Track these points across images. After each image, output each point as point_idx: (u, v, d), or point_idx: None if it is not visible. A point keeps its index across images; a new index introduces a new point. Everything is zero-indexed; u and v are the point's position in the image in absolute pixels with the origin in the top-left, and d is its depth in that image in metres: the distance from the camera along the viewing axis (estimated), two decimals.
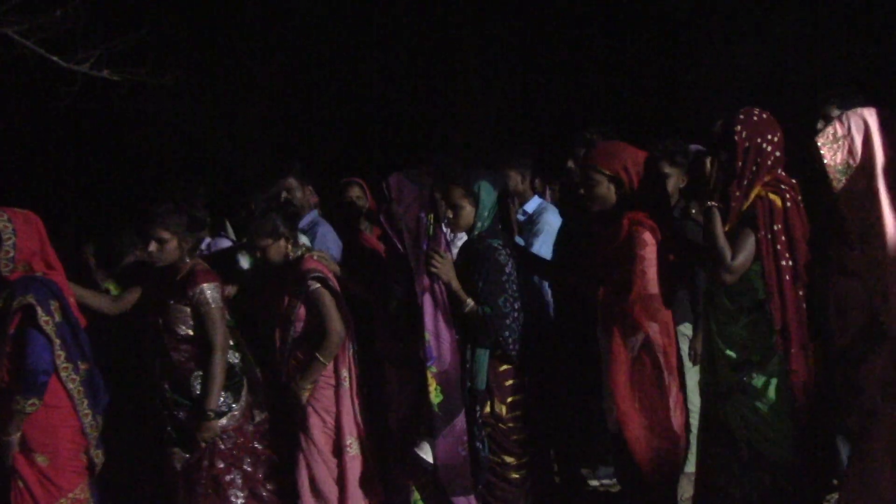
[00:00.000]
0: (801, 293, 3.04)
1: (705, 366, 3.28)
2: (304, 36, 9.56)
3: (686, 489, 3.75)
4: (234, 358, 3.76)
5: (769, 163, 3.09)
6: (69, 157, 9.11)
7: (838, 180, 2.90)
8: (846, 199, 2.90)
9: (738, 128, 3.08)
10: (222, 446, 3.69)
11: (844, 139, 2.92)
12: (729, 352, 3.15)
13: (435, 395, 3.51)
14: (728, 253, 3.02)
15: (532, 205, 4.65)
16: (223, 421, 3.67)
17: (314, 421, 3.70)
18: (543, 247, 4.34)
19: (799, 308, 3.03)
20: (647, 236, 3.25)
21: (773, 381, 3.09)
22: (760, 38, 7.23)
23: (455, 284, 3.54)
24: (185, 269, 3.73)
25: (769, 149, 3.09)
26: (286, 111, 9.91)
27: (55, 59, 4.87)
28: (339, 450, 3.71)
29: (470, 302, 3.52)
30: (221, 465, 3.70)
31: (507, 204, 4.18)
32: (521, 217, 4.60)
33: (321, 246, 4.24)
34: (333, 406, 3.72)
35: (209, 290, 3.67)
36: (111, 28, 5.06)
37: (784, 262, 3.02)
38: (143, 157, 9.33)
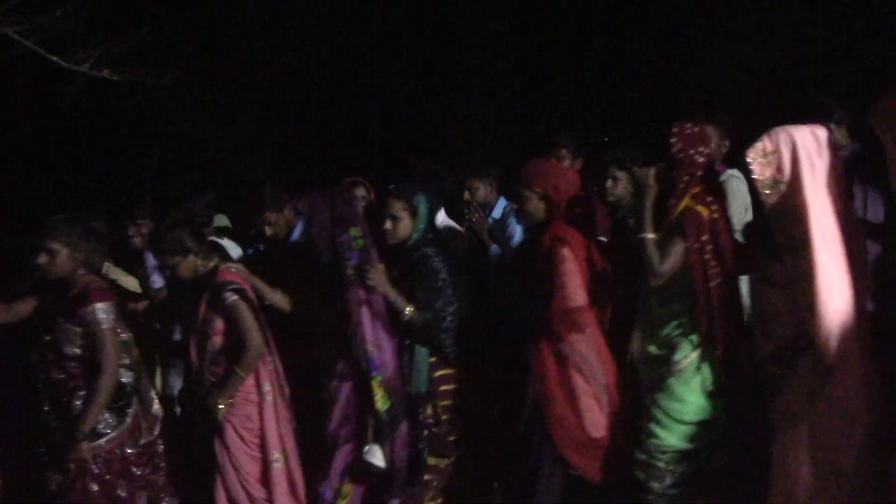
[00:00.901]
0: (727, 300, 3.22)
1: (640, 366, 3.45)
2: (304, 36, 9.57)
3: None
4: (126, 377, 3.60)
5: (699, 174, 3.27)
6: (69, 157, 9.12)
7: (767, 195, 3.02)
8: (775, 212, 3.01)
9: (674, 140, 3.26)
10: (95, 469, 3.50)
11: (773, 155, 3.02)
12: (657, 353, 3.35)
13: (382, 403, 3.63)
14: (657, 260, 3.22)
15: (498, 209, 4.68)
16: (99, 442, 3.49)
17: (232, 437, 3.63)
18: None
19: (723, 313, 3.21)
20: (566, 252, 3.43)
21: (696, 381, 3.27)
22: (760, 38, 7.23)
23: (392, 294, 3.64)
24: (79, 284, 3.55)
25: (700, 160, 3.27)
26: (286, 111, 9.92)
27: (55, 59, 4.86)
28: (265, 464, 3.68)
29: (408, 309, 3.62)
30: (95, 489, 3.51)
31: (482, 218, 4.46)
32: (490, 222, 4.63)
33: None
34: (253, 422, 3.66)
35: (101, 311, 3.49)
36: (111, 28, 5.06)
37: (711, 270, 3.20)
38: (143, 157, 9.35)
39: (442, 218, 4.41)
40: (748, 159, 3.02)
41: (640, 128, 4.70)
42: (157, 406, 3.74)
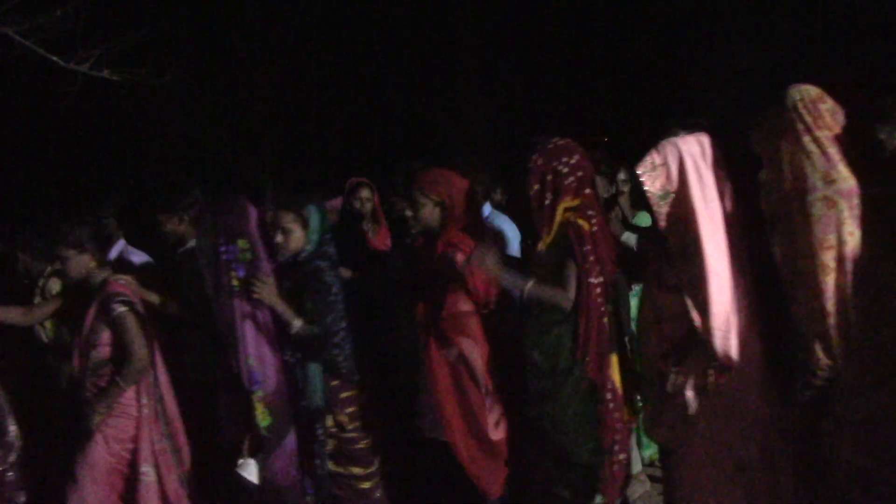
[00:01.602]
0: (603, 308, 3.33)
1: (526, 374, 3.50)
2: (304, 36, 9.57)
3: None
4: None
5: (567, 183, 3.38)
6: (69, 157, 9.12)
7: (659, 205, 3.16)
8: (668, 221, 3.16)
9: (535, 156, 3.38)
10: None
11: (662, 167, 3.18)
12: (540, 360, 3.43)
13: (262, 419, 3.59)
14: (561, 294, 3.33)
15: (485, 211, 4.59)
16: None
17: (99, 452, 3.59)
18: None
19: (600, 321, 3.33)
20: (459, 257, 3.50)
21: (579, 388, 3.38)
22: (761, 39, 7.23)
23: (280, 307, 3.60)
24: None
25: (566, 171, 3.38)
26: (286, 111, 9.92)
27: (55, 59, 4.86)
28: (132, 479, 3.64)
29: (297, 323, 3.58)
30: None
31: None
32: None
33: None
34: (127, 435, 3.62)
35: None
36: (111, 28, 5.05)
37: (592, 280, 3.32)
38: (144, 157, 9.35)
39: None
40: (638, 173, 3.16)
41: (640, 128, 4.70)
42: (13, 433, 3.67)
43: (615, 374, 3.43)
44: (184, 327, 4.02)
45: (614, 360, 3.45)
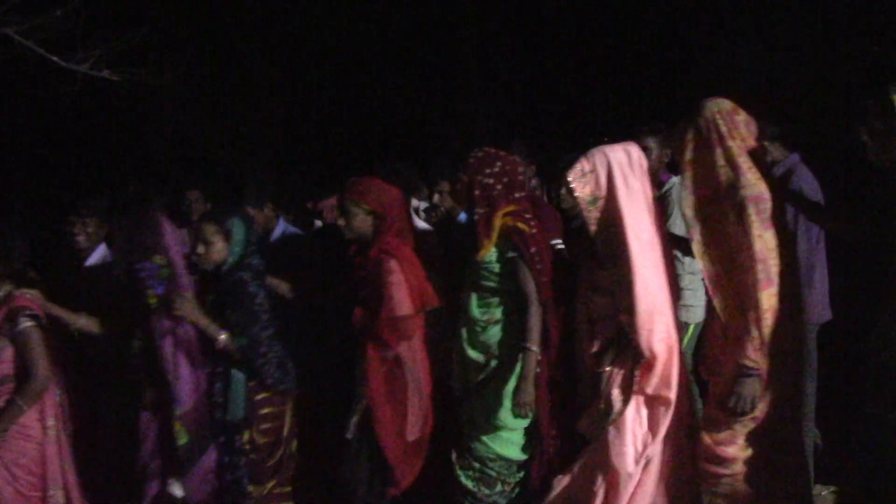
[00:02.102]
0: (543, 306, 3.47)
1: (456, 371, 3.66)
2: (304, 36, 9.56)
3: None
4: None
5: (496, 192, 3.51)
6: (69, 158, 9.11)
7: (588, 210, 3.33)
8: (597, 225, 3.33)
9: (461, 174, 3.56)
10: None
11: (591, 174, 3.35)
12: (475, 356, 3.58)
13: (179, 437, 3.57)
14: (533, 330, 3.45)
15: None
16: None
17: (1, 474, 3.51)
18: None
19: (558, 316, 3.50)
20: (394, 264, 3.64)
21: (511, 384, 3.51)
22: (760, 39, 7.22)
23: (203, 322, 3.59)
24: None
25: (491, 182, 3.51)
26: (286, 111, 9.91)
27: (55, 59, 4.86)
28: (41, 501, 3.58)
29: (222, 337, 3.57)
30: None
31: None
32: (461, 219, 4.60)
33: None
34: (29, 458, 3.54)
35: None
36: (111, 28, 5.05)
37: (545, 279, 3.47)
38: (143, 157, 9.33)
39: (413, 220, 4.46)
40: (568, 179, 3.34)
41: (640, 128, 4.72)
42: None
43: (547, 371, 3.56)
44: (94, 344, 3.96)
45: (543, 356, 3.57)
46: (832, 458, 4.04)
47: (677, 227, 3.86)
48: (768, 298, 3.15)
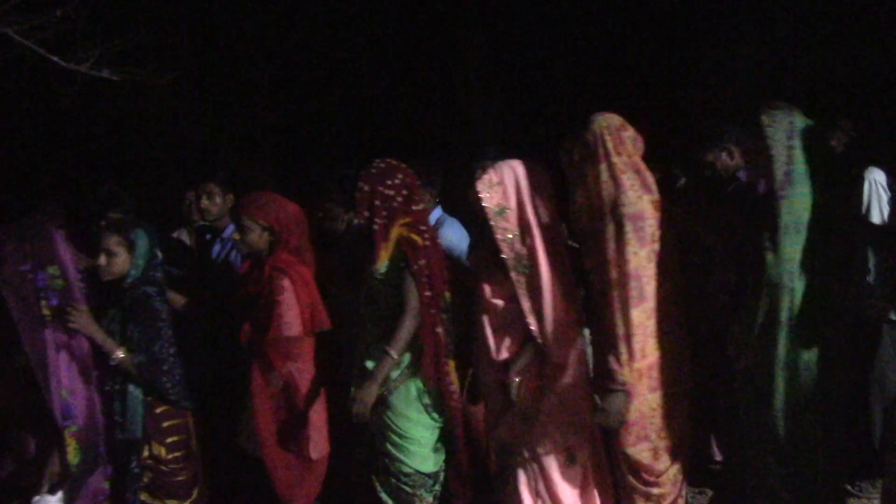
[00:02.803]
0: (437, 318, 3.52)
1: (357, 382, 3.63)
2: (304, 36, 9.56)
3: None
4: None
5: (395, 204, 3.53)
6: (69, 158, 9.11)
7: (496, 220, 3.40)
8: (504, 234, 3.41)
9: (361, 183, 3.56)
10: None
11: (499, 185, 3.44)
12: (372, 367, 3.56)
13: (73, 456, 3.44)
14: (400, 338, 3.45)
15: (432, 218, 4.57)
16: None
17: None
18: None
19: (434, 330, 3.51)
20: (286, 283, 3.62)
21: (413, 395, 3.54)
22: (761, 39, 7.22)
23: (99, 336, 3.52)
24: None
25: (392, 193, 3.53)
26: (286, 111, 9.91)
27: (55, 59, 4.85)
28: None
29: (119, 353, 3.51)
30: None
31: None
32: None
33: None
34: None
35: None
36: (111, 28, 5.05)
37: (427, 293, 3.48)
38: (143, 157, 9.33)
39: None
40: (477, 189, 3.42)
41: (641, 128, 4.70)
42: None
43: (455, 380, 3.60)
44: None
45: (452, 365, 3.61)
46: None
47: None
48: (639, 315, 3.27)
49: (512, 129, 9.03)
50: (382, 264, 3.52)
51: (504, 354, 3.45)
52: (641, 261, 3.28)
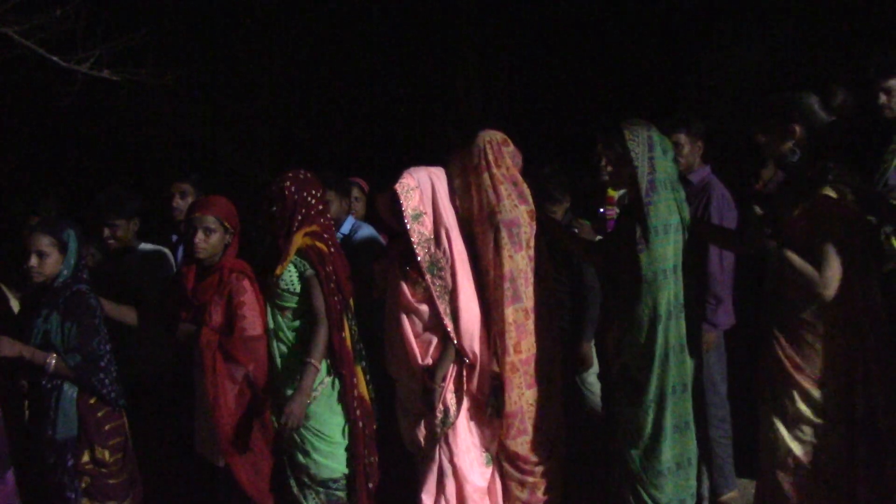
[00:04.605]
0: (344, 324, 3.60)
1: (272, 395, 3.68)
2: (304, 36, 9.56)
3: None
4: None
5: (312, 214, 3.63)
6: (69, 158, 9.11)
7: (411, 224, 3.54)
8: (419, 238, 3.54)
9: (288, 184, 3.61)
10: None
11: (416, 189, 3.58)
12: (289, 377, 3.59)
13: None
14: (318, 346, 3.51)
15: (347, 225, 4.61)
16: None
17: None
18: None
19: (340, 335, 3.58)
20: (247, 283, 3.65)
21: (333, 398, 3.61)
22: (761, 39, 7.22)
23: (27, 353, 3.47)
24: None
25: (314, 202, 3.64)
26: (286, 111, 9.91)
27: (55, 59, 4.85)
28: None
29: (52, 361, 3.47)
30: None
31: None
32: (339, 237, 4.50)
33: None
34: None
35: None
36: (111, 28, 5.05)
37: (335, 298, 3.57)
38: (143, 157, 9.33)
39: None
40: (396, 190, 3.53)
41: (670, 123, 4.72)
42: None
43: (362, 385, 3.70)
44: None
45: (359, 371, 3.70)
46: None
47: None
48: (513, 313, 3.57)
49: (512, 129, 9.04)
50: (283, 270, 3.57)
51: (428, 360, 3.59)
52: (517, 263, 3.58)
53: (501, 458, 3.69)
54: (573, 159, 5.65)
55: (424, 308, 3.58)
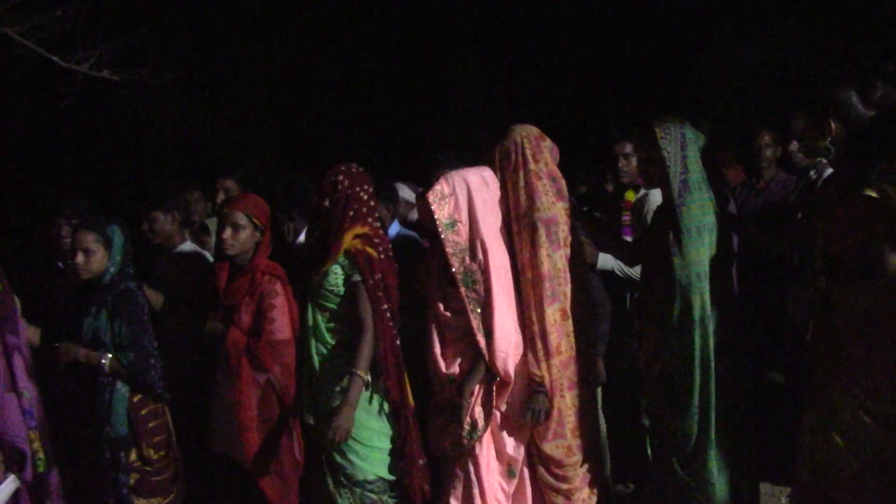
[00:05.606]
0: (395, 332, 3.51)
1: (305, 396, 3.61)
2: (304, 36, 9.57)
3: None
4: None
5: (364, 211, 3.51)
6: (69, 157, 9.12)
7: (446, 233, 3.39)
8: (455, 248, 3.41)
9: (340, 177, 3.50)
10: None
11: (450, 197, 3.42)
12: (329, 380, 3.52)
13: (40, 465, 3.25)
14: (363, 356, 3.41)
15: (392, 231, 4.46)
16: None
17: None
18: None
19: (393, 343, 3.49)
20: (279, 287, 3.59)
21: (374, 407, 3.53)
22: (761, 39, 7.23)
23: (84, 356, 3.47)
24: None
25: (366, 198, 3.53)
26: (286, 110, 9.92)
27: (55, 59, 4.85)
28: None
29: (106, 361, 3.47)
30: None
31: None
32: None
33: None
34: None
35: None
36: (111, 28, 5.05)
37: (384, 307, 3.46)
38: (143, 157, 9.34)
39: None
40: (428, 200, 3.39)
41: (615, 133, 4.73)
42: None
43: (406, 390, 3.60)
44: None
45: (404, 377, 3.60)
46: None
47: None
48: (552, 314, 3.41)
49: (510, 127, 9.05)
50: (329, 267, 3.47)
51: (453, 368, 3.47)
52: (555, 263, 3.44)
53: (536, 461, 3.54)
54: (573, 159, 5.65)
55: (457, 317, 3.44)
